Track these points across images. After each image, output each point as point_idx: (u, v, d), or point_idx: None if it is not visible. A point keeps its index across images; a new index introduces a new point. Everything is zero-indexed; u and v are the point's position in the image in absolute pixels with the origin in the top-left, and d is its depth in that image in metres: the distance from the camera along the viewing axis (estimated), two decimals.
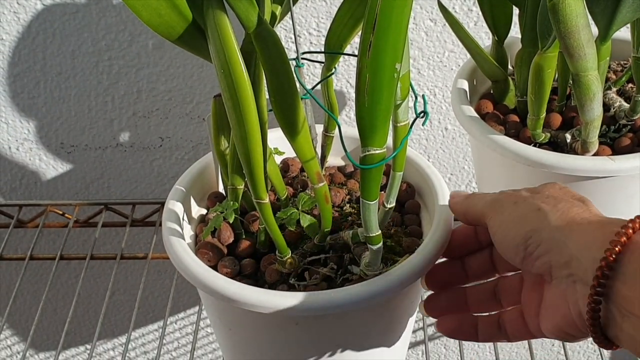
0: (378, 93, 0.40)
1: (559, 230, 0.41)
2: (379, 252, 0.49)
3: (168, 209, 0.55)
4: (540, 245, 0.42)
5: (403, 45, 0.39)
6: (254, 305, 0.47)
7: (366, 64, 0.39)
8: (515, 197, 0.46)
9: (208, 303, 0.55)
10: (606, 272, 0.38)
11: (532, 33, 0.59)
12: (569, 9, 0.49)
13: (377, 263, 0.50)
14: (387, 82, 0.40)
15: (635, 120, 0.61)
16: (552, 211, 0.43)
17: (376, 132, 0.42)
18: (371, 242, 0.48)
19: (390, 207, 0.52)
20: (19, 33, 0.78)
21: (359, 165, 0.43)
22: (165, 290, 1.01)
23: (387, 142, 0.43)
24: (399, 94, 0.46)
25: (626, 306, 0.38)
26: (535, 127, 0.60)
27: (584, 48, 0.51)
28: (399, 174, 0.50)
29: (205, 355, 1.09)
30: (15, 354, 1.09)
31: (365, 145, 0.43)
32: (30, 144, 0.86)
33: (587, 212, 0.43)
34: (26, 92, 0.82)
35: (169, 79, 0.81)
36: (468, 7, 0.76)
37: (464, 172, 0.89)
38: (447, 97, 0.82)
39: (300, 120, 0.47)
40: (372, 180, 0.45)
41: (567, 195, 0.45)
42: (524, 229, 0.43)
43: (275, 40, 0.44)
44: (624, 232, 0.38)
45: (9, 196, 0.91)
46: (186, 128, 0.85)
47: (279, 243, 0.51)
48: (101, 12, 0.76)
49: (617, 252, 0.38)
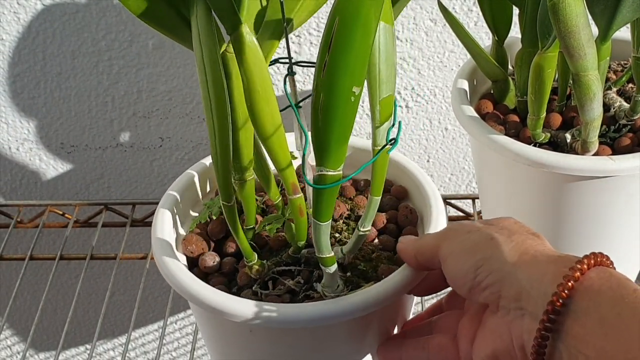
0: (332, 114, 0.39)
1: (511, 261, 0.40)
2: (334, 274, 0.48)
3: (159, 208, 0.56)
4: (491, 274, 0.41)
5: (362, 68, 0.38)
6: (205, 304, 0.47)
7: (321, 83, 0.39)
8: (470, 226, 0.45)
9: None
10: (557, 307, 0.37)
11: (532, 33, 0.59)
12: (569, 8, 0.49)
13: (333, 285, 0.49)
14: (342, 104, 0.39)
15: (635, 120, 0.61)
16: (506, 242, 0.42)
17: (329, 153, 0.41)
18: (323, 263, 0.47)
19: (364, 231, 0.50)
20: (19, 33, 0.78)
21: (311, 184, 0.43)
22: (165, 290, 1.01)
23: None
24: (378, 117, 0.45)
25: (576, 345, 0.37)
26: (535, 127, 0.60)
27: (584, 48, 0.51)
28: (375, 198, 0.49)
29: (205, 356, 1.08)
30: (15, 354, 1.09)
31: (318, 165, 0.42)
32: (31, 144, 0.86)
33: (542, 246, 0.42)
34: (26, 92, 0.82)
35: (169, 79, 0.81)
36: (468, 7, 0.76)
37: (464, 172, 0.89)
38: (447, 97, 0.82)
39: (274, 126, 0.46)
40: (323, 201, 0.44)
41: (522, 229, 0.44)
42: (475, 257, 0.42)
43: (247, 43, 0.43)
44: (579, 267, 0.38)
45: (9, 196, 0.91)
46: (186, 128, 0.85)
47: (244, 247, 0.51)
48: (101, 12, 0.76)
49: (570, 288, 0.37)
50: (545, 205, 0.61)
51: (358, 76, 0.38)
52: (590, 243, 0.62)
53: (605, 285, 0.37)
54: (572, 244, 0.62)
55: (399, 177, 0.60)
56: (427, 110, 0.83)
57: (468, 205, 0.85)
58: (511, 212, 0.65)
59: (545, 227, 0.62)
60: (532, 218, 0.63)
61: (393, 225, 0.56)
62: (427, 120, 0.84)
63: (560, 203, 0.59)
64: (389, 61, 0.43)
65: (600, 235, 0.61)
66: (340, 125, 0.40)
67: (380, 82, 0.43)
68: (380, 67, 0.43)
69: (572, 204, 0.59)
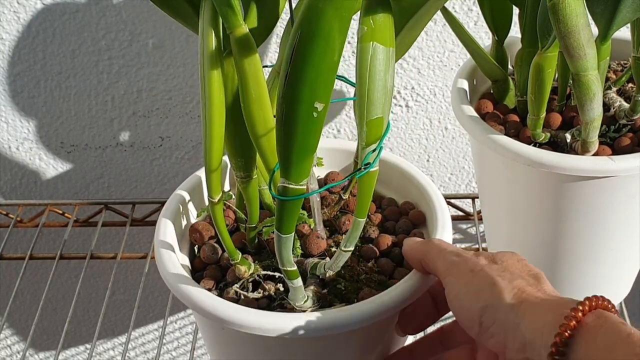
0: (292, 128, 0.39)
1: (513, 310, 0.41)
2: (299, 289, 0.48)
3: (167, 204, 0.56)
4: (495, 323, 0.42)
5: (325, 84, 0.38)
6: (186, 300, 0.48)
7: (283, 95, 0.38)
8: (473, 264, 0.45)
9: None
10: (557, 358, 0.38)
11: (532, 33, 0.59)
12: (569, 8, 0.49)
13: (298, 299, 0.48)
14: (302, 118, 0.38)
15: (635, 120, 0.61)
16: (507, 288, 0.42)
17: (290, 166, 0.41)
18: (287, 276, 0.47)
19: (346, 251, 0.49)
20: (19, 32, 0.78)
21: (274, 195, 0.42)
22: (165, 289, 1.01)
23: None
24: (365, 137, 0.44)
25: None
26: (535, 126, 0.60)
27: (584, 48, 0.51)
28: (359, 220, 0.47)
29: (205, 355, 1.08)
30: (15, 353, 1.09)
31: (282, 176, 0.41)
32: (30, 144, 0.86)
33: (541, 291, 0.42)
34: (26, 91, 0.82)
35: (169, 78, 0.81)
36: (468, 7, 0.76)
37: (464, 172, 0.89)
38: (447, 96, 0.82)
39: (266, 128, 0.46)
40: (286, 214, 0.43)
41: (523, 270, 0.45)
42: (479, 304, 0.43)
43: (242, 44, 0.44)
44: (573, 315, 0.38)
45: (9, 196, 0.91)
46: (186, 127, 0.85)
47: (226, 245, 0.51)
48: (101, 11, 0.76)
49: (567, 337, 0.38)
50: (545, 205, 0.61)
51: (321, 92, 0.38)
52: (589, 243, 0.62)
53: (600, 331, 0.38)
54: (571, 244, 0.62)
55: (419, 202, 0.58)
56: (427, 109, 0.83)
57: (468, 204, 0.85)
58: (511, 212, 0.65)
59: (545, 227, 0.62)
60: (531, 218, 0.63)
61: (398, 250, 0.54)
62: (427, 119, 0.84)
63: (559, 203, 0.59)
64: (380, 82, 0.42)
65: (599, 235, 0.61)
66: (302, 139, 0.39)
67: (368, 102, 0.42)
68: (370, 87, 0.42)
69: (572, 204, 0.59)
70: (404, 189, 0.59)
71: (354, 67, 0.50)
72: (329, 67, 0.38)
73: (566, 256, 0.63)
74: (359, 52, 0.41)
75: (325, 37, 0.37)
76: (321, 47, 0.37)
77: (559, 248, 0.63)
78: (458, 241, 0.94)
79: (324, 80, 0.38)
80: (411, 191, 0.59)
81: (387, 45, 0.41)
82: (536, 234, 0.63)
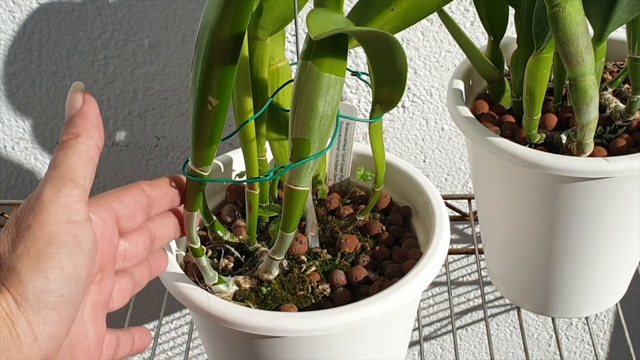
0: (192, 115, 0.42)
1: None
2: (205, 268, 0.49)
3: None
4: None
5: (221, 81, 0.40)
6: (182, 298, 0.50)
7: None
8: None
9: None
10: None
11: (528, 33, 0.59)
12: (569, 17, 0.49)
13: (207, 279, 0.50)
14: (196, 108, 0.41)
15: (631, 121, 0.61)
16: None
17: (193, 150, 0.43)
18: (192, 253, 0.48)
19: (274, 259, 0.49)
20: (14, 32, 0.77)
21: (187, 175, 0.45)
22: (161, 290, 1.01)
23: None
24: (289, 152, 0.44)
25: None
26: (531, 127, 0.60)
27: (582, 54, 0.50)
28: (286, 234, 0.47)
29: (201, 355, 1.08)
30: None
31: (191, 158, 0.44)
32: (26, 143, 0.86)
33: None
34: (22, 91, 0.82)
35: (165, 78, 0.81)
36: (464, 8, 0.76)
37: (460, 173, 0.89)
38: (443, 97, 0.82)
39: (250, 133, 0.49)
40: (190, 192, 0.46)
41: None
42: None
43: (232, 40, 0.44)
44: None
45: (5, 195, 0.91)
46: (182, 127, 0.85)
47: (203, 212, 0.52)
48: (97, 11, 0.76)
49: None
50: (541, 206, 0.61)
51: (214, 88, 0.40)
52: (585, 244, 0.62)
53: None
54: (567, 244, 0.62)
55: (417, 202, 0.58)
56: (424, 110, 0.83)
57: (464, 205, 0.85)
58: (506, 212, 0.65)
59: (540, 228, 0.62)
60: (527, 219, 0.63)
61: (369, 259, 0.54)
62: (424, 120, 0.84)
63: (555, 204, 0.59)
64: (308, 104, 0.41)
65: (595, 236, 0.61)
66: (198, 128, 0.42)
67: (294, 118, 0.42)
68: (298, 105, 0.41)
69: (568, 205, 0.59)
70: (405, 190, 0.60)
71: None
72: (227, 67, 0.40)
73: (562, 257, 0.63)
74: (297, 67, 0.42)
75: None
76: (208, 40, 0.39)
77: (554, 249, 0.63)
78: (454, 242, 0.94)
79: (219, 77, 0.40)
80: (413, 197, 0.59)
81: (337, 74, 0.41)
82: (532, 235, 0.63)
